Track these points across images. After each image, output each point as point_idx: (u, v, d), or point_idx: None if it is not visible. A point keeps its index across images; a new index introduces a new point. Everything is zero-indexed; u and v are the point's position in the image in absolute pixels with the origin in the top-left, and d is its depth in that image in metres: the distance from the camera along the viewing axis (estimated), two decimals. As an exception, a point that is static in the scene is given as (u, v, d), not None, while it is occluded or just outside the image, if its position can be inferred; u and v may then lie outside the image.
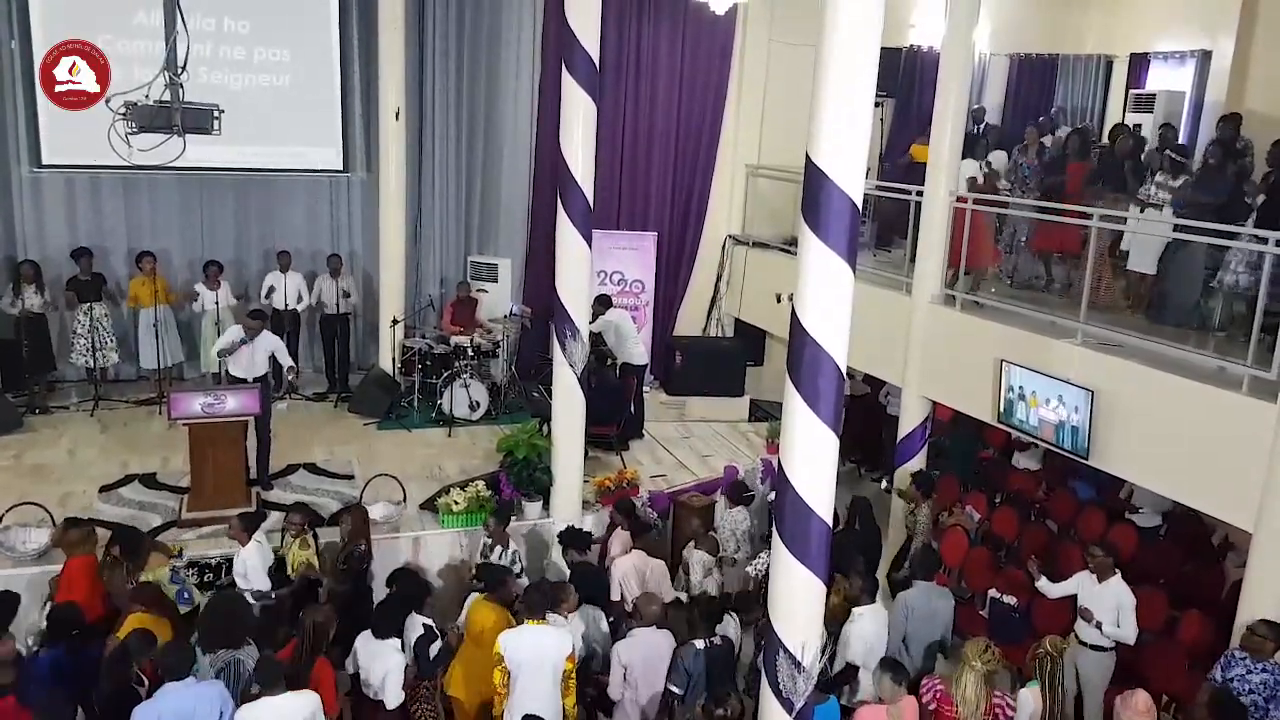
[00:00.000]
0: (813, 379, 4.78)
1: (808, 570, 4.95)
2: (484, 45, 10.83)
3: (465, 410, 9.72)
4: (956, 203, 8.24)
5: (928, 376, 8.42)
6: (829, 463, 4.93)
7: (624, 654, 5.54)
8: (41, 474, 8.11)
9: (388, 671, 5.28)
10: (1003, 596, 7.25)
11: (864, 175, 4.75)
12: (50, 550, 6.57)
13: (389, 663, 5.29)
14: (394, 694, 5.30)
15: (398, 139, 9.94)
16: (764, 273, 10.84)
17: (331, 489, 8.15)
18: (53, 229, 10.09)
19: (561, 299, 7.40)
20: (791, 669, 4.99)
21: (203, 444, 7.36)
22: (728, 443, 9.95)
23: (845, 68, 4.56)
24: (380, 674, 5.29)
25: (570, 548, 6.74)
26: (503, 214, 11.26)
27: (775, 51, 11.15)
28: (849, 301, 4.78)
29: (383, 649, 5.32)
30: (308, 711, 4.77)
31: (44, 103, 9.50)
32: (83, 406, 9.62)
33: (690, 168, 11.51)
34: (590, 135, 7.22)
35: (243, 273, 10.67)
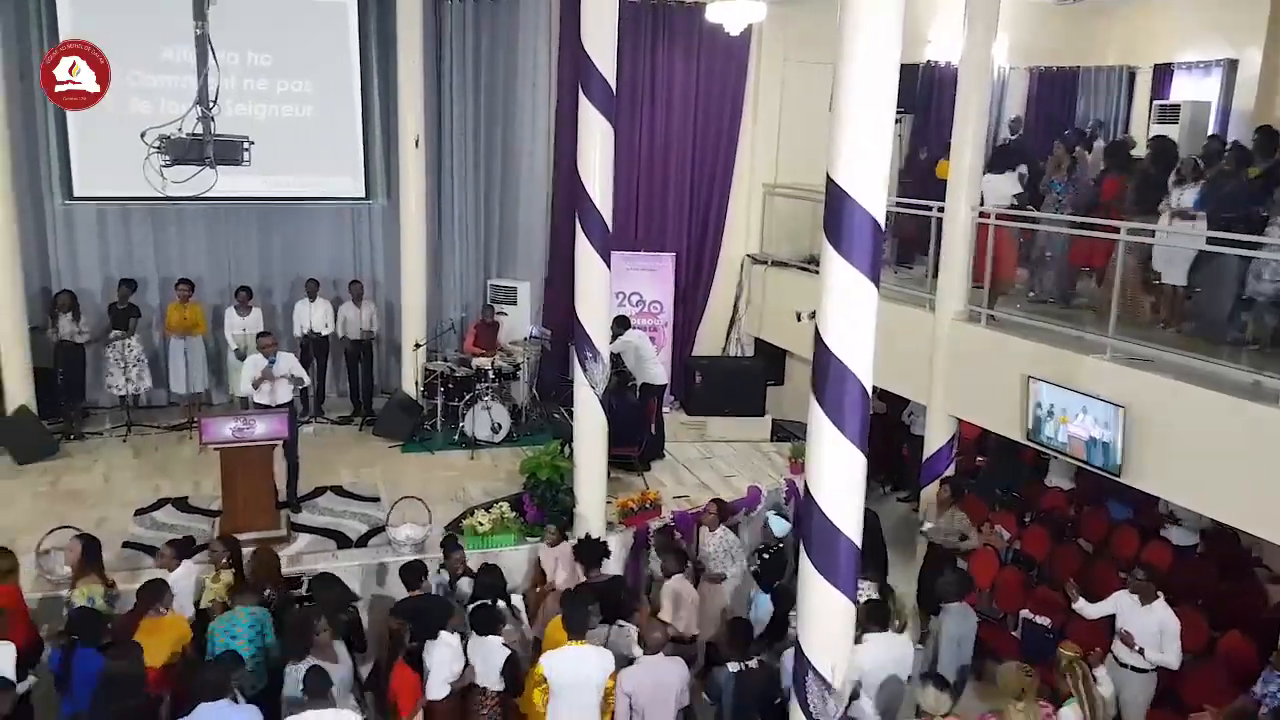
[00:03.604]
0: (838, 397, 4.76)
1: (836, 590, 4.91)
2: (501, 71, 10.96)
3: (487, 432, 9.76)
4: (979, 218, 8.20)
5: (953, 394, 8.35)
6: (856, 482, 4.90)
7: (627, 682, 5.34)
8: (77, 499, 8.23)
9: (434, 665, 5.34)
10: (1035, 617, 7.15)
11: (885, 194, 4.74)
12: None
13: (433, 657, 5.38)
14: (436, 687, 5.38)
15: (417, 166, 10.05)
16: (783, 291, 10.83)
17: (359, 511, 8.20)
18: (85, 259, 10.31)
19: (581, 321, 7.43)
20: (821, 690, 4.95)
21: (233, 468, 7.43)
22: (750, 463, 9.91)
23: (865, 85, 4.56)
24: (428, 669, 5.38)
25: (582, 560, 6.64)
26: (521, 237, 11.34)
27: (791, 70, 11.20)
28: (873, 319, 4.76)
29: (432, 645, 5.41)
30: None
31: (75, 136, 9.79)
32: (116, 432, 9.76)
33: (707, 188, 11.55)
34: (608, 158, 7.26)
35: (268, 300, 10.80)
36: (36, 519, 7.54)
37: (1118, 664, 6.03)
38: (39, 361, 9.34)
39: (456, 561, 6.58)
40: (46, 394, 9.42)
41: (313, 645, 5.31)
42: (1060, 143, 9.17)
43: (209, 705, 4.72)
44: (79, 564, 6.13)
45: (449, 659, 5.44)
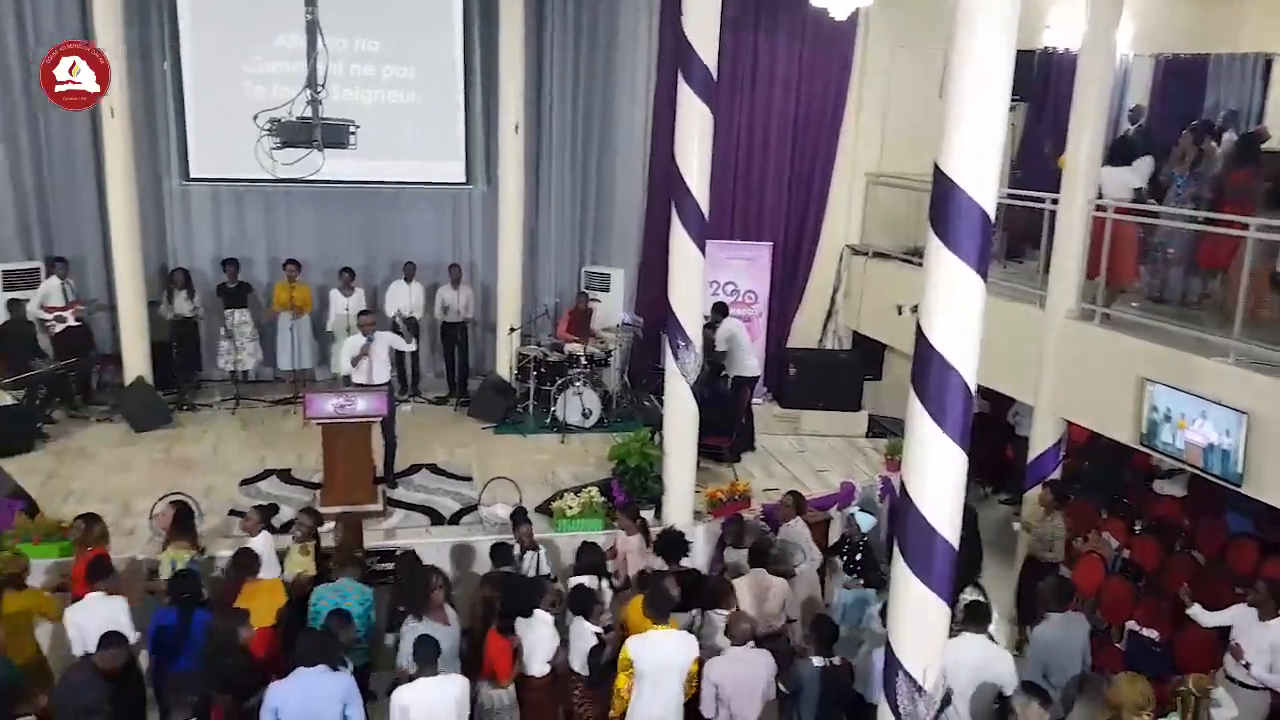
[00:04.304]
0: (939, 394, 4.61)
1: (930, 591, 4.78)
2: (601, 57, 10.98)
3: (578, 417, 9.84)
4: (1095, 212, 7.83)
5: (1062, 395, 8.01)
6: (956, 482, 4.75)
7: (714, 672, 5.36)
8: (188, 467, 8.62)
9: (532, 644, 5.45)
10: (1142, 629, 6.82)
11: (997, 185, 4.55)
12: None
13: (532, 635, 5.48)
14: (537, 664, 5.49)
15: (516, 151, 10.14)
16: (884, 284, 10.57)
17: (452, 489, 8.37)
18: (200, 238, 10.78)
19: (674, 309, 7.39)
20: (911, 692, 4.85)
21: (334, 442, 7.65)
22: (843, 458, 9.73)
23: (979, 71, 4.39)
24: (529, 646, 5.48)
25: (662, 553, 6.57)
26: (617, 224, 11.35)
27: (898, 57, 10.88)
28: (979, 315, 4.59)
29: (531, 623, 5.50)
30: (457, 693, 4.96)
31: (193, 120, 10.21)
32: (225, 405, 10.19)
33: (807, 176, 11.34)
34: (706, 145, 7.19)
35: (370, 281, 11.07)
36: (151, 484, 7.94)
37: (1228, 679, 5.73)
38: (156, 336, 9.80)
39: (524, 534, 6.64)
40: (162, 367, 9.89)
41: (429, 604, 5.48)
42: (1189, 133, 8.63)
43: (306, 670, 4.84)
44: (171, 529, 6.41)
45: (548, 637, 5.52)
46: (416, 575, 5.81)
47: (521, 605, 5.56)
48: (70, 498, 7.79)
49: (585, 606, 5.73)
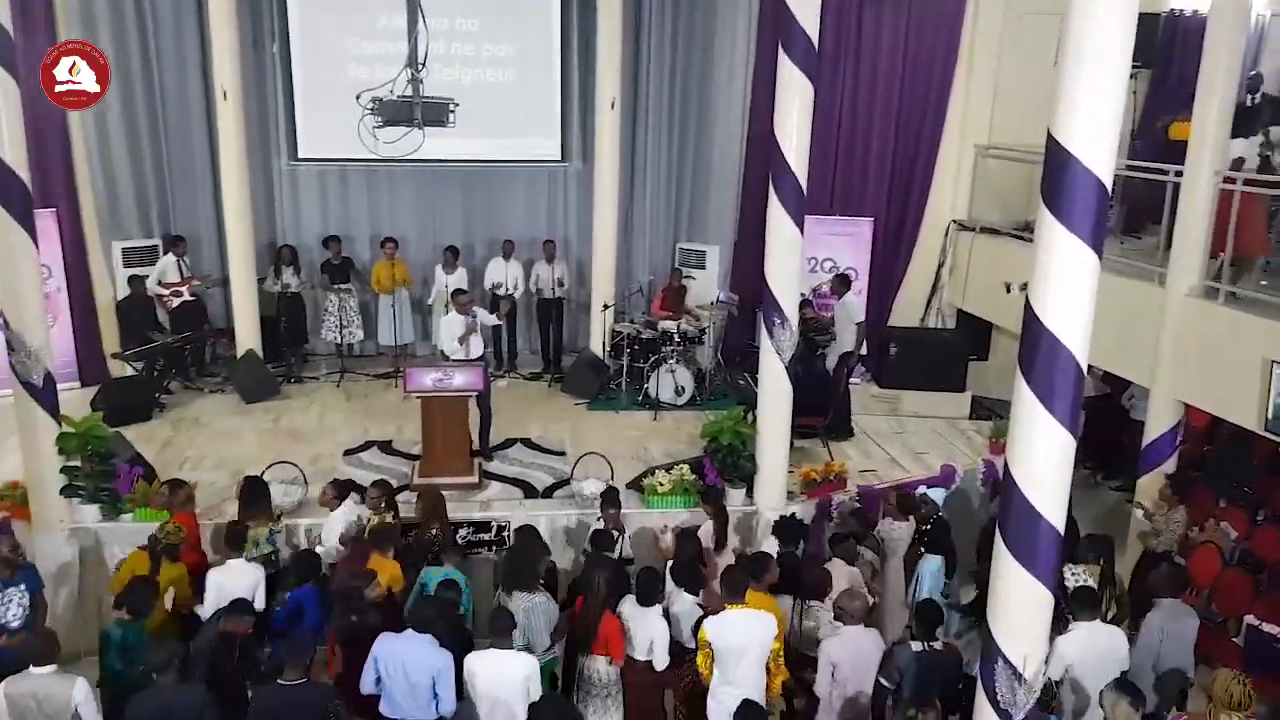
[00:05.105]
0: (1048, 374, 4.40)
1: (1033, 578, 4.61)
2: (699, 29, 10.82)
3: (671, 395, 9.83)
4: (1223, 184, 7.36)
5: (1181, 377, 7.59)
6: (1062, 465, 4.54)
7: (833, 652, 5.38)
8: (295, 436, 8.95)
9: (654, 637, 5.48)
10: (1263, 625, 6.45)
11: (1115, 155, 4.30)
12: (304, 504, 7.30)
13: (654, 629, 5.50)
14: (661, 657, 5.52)
15: (612, 128, 10.11)
16: (992, 260, 10.17)
17: (545, 464, 8.46)
18: (307, 216, 11.14)
19: (770, 286, 7.25)
20: (1011, 680, 4.69)
21: (433, 415, 7.82)
22: (944, 440, 9.45)
23: (1097, 35, 4.13)
24: (646, 639, 5.50)
25: (781, 539, 6.56)
26: (712, 201, 11.22)
27: (1012, 21, 10.39)
28: (1092, 292, 4.36)
29: (647, 615, 5.52)
30: (526, 671, 5.03)
31: (301, 102, 10.52)
32: (330, 378, 10.54)
33: (912, 149, 10.95)
34: (806, 117, 7.01)
35: (469, 259, 11.24)
36: (260, 453, 8.28)
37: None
38: (265, 310, 10.20)
39: (611, 517, 6.67)
40: (271, 340, 10.29)
41: (537, 579, 5.61)
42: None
43: (417, 635, 5.06)
44: (241, 503, 6.63)
45: (662, 631, 5.54)
46: (522, 553, 5.91)
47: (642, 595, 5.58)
48: (185, 464, 8.18)
49: (689, 580, 5.73)
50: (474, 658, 5.10)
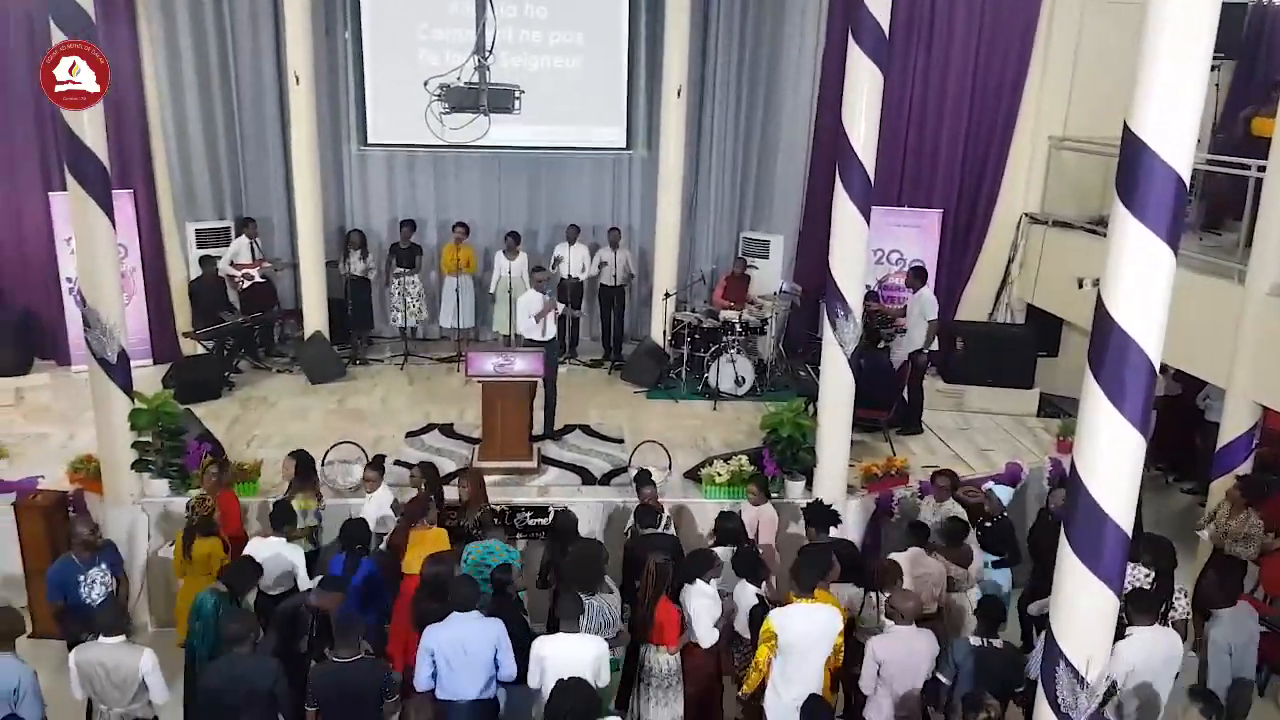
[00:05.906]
0: (1118, 372, 4.28)
1: (1099, 581, 4.50)
2: (768, 17, 10.74)
3: (731, 385, 9.79)
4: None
5: (1260, 378, 7.32)
6: (1131, 465, 4.42)
7: (879, 650, 5.30)
8: (359, 417, 9.13)
9: (695, 613, 5.49)
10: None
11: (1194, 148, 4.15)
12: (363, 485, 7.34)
13: (694, 605, 5.51)
14: (704, 634, 5.51)
15: (678, 116, 10.08)
16: (1064, 255, 9.91)
17: (603, 450, 8.51)
18: (375, 201, 11.34)
19: (835, 277, 7.17)
20: (1073, 683, 4.60)
21: (493, 400, 7.91)
22: (1011, 437, 9.25)
23: (1178, 25, 3.99)
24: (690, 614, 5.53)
25: (813, 525, 6.44)
26: (777, 190, 11.14)
27: (1090, 10, 10.09)
28: (1167, 289, 4.22)
29: (691, 592, 5.54)
30: (596, 651, 5.08)
31: (371, 89, 10.70)
32: (394, 361, 10.73)
33: (984, 140, 10.70)
34: (875, 107, 6.90)
35: (532, 245, 11.35)
36: (325, 433, 8.46)
37: None
38: (332, 293, 10.42)
39: (647, 496, 6.66)
40: (338, 322, 10.52)
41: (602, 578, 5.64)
42: None
43: (461, 615, 5.11)
44: (294, 478, 6.74)
45: (709, 607, 5.54)
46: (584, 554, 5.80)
47: (687, 573, 5.60)
48: (253, 442, 8.43)
49: (749, 570, 5.74)
50: (544, 641, 5.14)
